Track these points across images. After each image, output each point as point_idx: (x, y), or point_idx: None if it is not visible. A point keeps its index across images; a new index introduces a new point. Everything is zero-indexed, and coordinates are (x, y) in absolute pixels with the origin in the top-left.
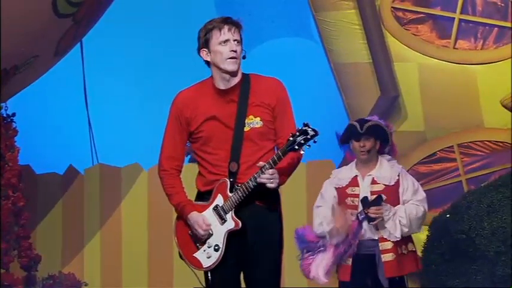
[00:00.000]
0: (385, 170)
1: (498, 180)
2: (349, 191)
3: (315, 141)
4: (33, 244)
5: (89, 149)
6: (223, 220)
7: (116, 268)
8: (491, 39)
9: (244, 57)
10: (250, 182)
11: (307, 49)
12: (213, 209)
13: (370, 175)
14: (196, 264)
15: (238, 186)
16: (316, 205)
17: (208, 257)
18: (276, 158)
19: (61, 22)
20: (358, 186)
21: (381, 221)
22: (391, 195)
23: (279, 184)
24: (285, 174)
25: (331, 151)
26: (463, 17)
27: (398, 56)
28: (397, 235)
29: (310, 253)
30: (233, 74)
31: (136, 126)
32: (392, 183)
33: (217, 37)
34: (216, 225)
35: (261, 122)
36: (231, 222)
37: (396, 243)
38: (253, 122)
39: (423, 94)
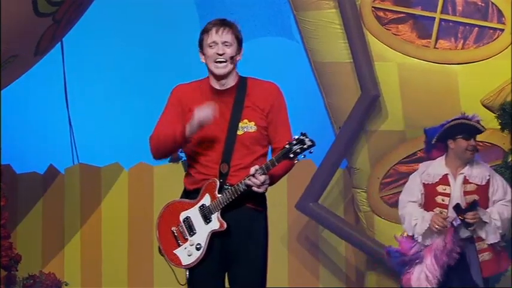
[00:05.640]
0: (476, 169)
1: None
2: (439, 189)
3: (310, 152)
4: (14, 244)
5: (69, 149)
6: (208, 220)
7: (96, 268)
8: (472, 39)
9: (232, 59)
10: (240, 186)
11: (288, 48)
12: (199, 208)
13: (462, 173)
14: (176, 261)
15: (227, 186)
16: (407, 200)
17: (189, 255)
18: (269, 164)
19: (41, 21)
20: (449, 185)
21: (478, 225)
22: (481, 195)
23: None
24: (274, 180)
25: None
26: (444, 16)
27: (378, 56)
28: (496, 239)
29: (407, 267)
30: (221, 77)
31: (117, 126)
32: (484, 182)
33: (206, 39)
34: (200, 225)
35: (255, 127)
36: (216, 223)
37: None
38: (247, 126)
39: (403, 94)
